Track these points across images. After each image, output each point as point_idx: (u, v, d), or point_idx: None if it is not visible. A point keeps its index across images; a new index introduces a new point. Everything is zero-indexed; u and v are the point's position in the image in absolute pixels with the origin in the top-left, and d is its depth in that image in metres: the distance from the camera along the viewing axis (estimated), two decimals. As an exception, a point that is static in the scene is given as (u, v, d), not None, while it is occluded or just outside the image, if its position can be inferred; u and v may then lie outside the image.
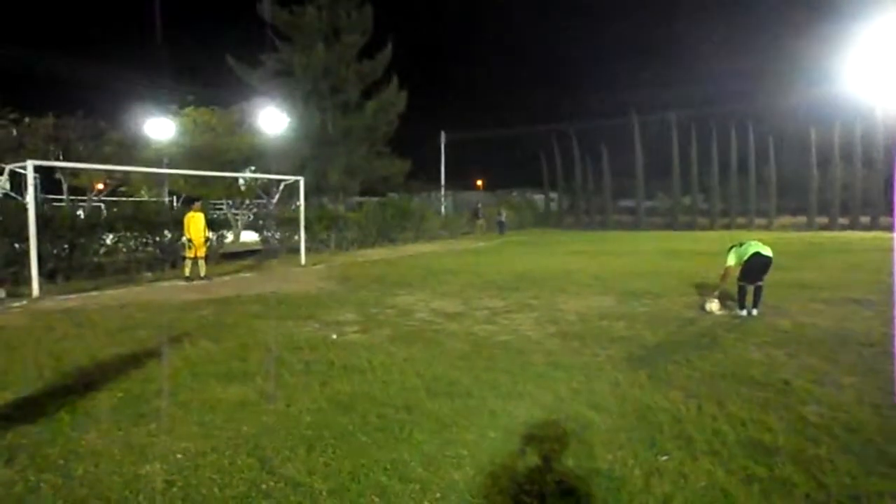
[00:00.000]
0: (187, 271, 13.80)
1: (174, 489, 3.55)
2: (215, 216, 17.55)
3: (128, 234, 15.39)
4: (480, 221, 35.81)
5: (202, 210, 14.48)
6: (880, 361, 6.23)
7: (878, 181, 34.31)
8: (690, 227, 38.86)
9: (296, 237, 19.38)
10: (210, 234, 14.87)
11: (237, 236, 24.70)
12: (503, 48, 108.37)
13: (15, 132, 21.17)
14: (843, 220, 35.19)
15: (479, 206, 37.75)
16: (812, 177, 36.26)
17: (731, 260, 9.41)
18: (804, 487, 3.53)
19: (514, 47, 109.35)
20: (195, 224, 13.89)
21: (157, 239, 16.13)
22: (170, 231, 16.15)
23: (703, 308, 9.33)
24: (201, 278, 13.82)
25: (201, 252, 14.06)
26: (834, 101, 33.65)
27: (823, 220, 35.73)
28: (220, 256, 17.70)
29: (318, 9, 28.60)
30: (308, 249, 19.15)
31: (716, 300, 9.31)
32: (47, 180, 25.78)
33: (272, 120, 25.68)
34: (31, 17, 64.75)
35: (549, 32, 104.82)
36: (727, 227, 37.86)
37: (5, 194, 14.26)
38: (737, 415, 4.67)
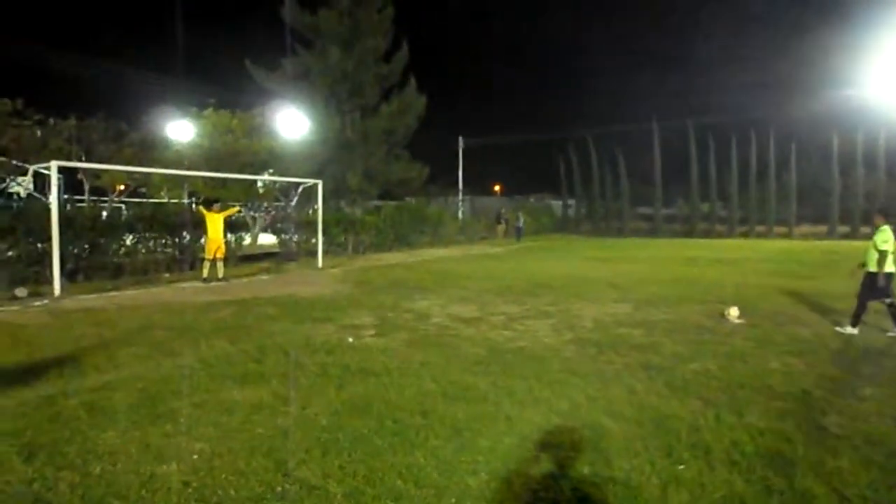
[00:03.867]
0: (205, 273, 13.93)
1: (190, 490, 3.57)
2: (233, 218, 17.69)
3: (147, 234, 15.57)
4: (501, 226, 35.86)
5: (221, 211, 14.59)
6: (903, 373, 6.14)
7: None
8: (708, 234, 38.54)
9: (313, 240, 19.47)
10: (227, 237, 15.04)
11: (255, 239, 24.85)
12: (523, 54, 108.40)
13: (39, 133, 21.46)
14: (865, 230, 34.68)
15: (503, 210, 37.88)
16: (834, 185, 35.78)
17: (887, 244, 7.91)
18: (824, 500, 3.48)
19: (534, 53, 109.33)
20: (213, 225, 14.04)
21: (176, 240, 16.29)
22: (188, 232, 16.32)
23: (721, 316, 9.23)
24: (219, 280, 13.94)
25: (220, 254, 14.20)
26: (857, 108, 33.32)
27: (845, 228, 35.24)
28: (238, 259, 17.84)
29: (340, 14, 28.67)
30: (325, 253, 19.23)
31: (735, 308, 9.21)
32: (70, 181, 26.11)
33: (291, 123, 25.83)
34: (56, 20, 65.74)
35: (569, 39, 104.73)
36: (746, 234, 37.53)
37: (29, 194, 14.47)
38: (755, 425, 4.61)
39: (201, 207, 14.56)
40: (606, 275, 15.42)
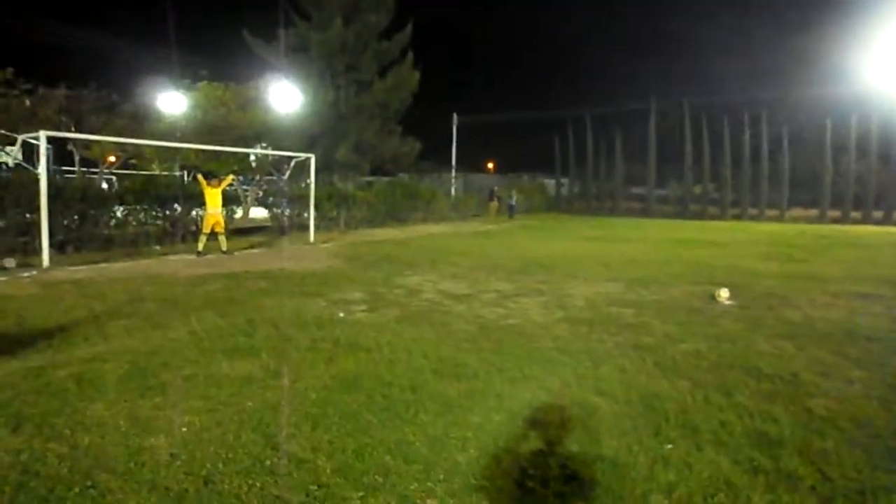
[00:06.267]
0: (200, 246, 13.88)
1: (178, 462, 3.56)
2: (225, 191, 17.57)
3: (138, 206, 15.49)
4: (494, 204, 35.86)
5: (219, 186, 14.54)
6: (888, 356, 6.18)
7: (893, 176, 33.92)
8: (701, 216, 38.54)
9: (305, 214, 19.40)
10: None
11: (246, 212, 24.72)
12: (518, 31, 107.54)
13: (28, 102, 21.12)
14: (855, 214, 34.80)
15: (495, 188, 37.90)
16: (826, 169, 35.78)
17: None
18: (810, 480, 3.50)
19: (529, 31, 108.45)
20: (212, 198, 14.06)
21: (167, 213, 16.21)
22: (180, 205, 16.25)
23: (712, 297, 9.26)
24: (223, 252, 14.09)
25: (219, 228, 14.22)
26: (851, 94, 33.23)
27: (836, 213, 35.32)
28: (230, 232, 17.76)
29: None
30: (317, 227, 19.16)
31: (725, 289, 9.24)
32: (59, 152, 25.75)
33: (285, 96, 25.58)
34: (46, -13, 64.35)
35: (565, 18, 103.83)
36: (738, 217, 37.57)
37: (17, 164, 14.29)
38: (743, 405, 4.64)
39: (200, 176, 14.55)
40: (598, 254, 15.45)
